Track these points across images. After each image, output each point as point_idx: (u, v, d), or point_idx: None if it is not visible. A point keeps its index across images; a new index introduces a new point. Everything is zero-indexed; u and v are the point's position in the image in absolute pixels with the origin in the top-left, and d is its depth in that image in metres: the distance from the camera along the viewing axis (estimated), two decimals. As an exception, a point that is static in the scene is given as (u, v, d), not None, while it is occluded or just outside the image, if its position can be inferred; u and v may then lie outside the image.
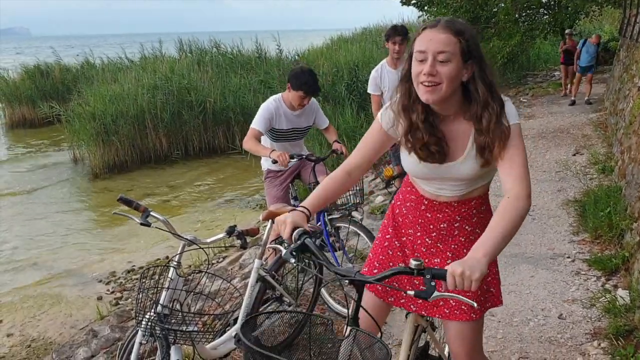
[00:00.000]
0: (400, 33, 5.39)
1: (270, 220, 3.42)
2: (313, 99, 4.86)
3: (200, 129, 13.80)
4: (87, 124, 12.53)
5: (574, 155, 8.50)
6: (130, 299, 6.37)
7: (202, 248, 2.83)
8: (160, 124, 13.26)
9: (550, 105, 13.28)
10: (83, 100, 13.59)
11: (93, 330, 5.25)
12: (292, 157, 4.25)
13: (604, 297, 4.13)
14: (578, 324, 3.94)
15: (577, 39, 21.81)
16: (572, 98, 13.26)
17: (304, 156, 4.50)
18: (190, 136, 13.77)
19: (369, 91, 5.66)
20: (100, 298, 6.56)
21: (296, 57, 18.32)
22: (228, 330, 3.33)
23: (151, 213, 2.74)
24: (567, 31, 14.61)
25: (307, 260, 3.52)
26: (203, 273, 2.96)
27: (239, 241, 3.05)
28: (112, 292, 6.73)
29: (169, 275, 2.79)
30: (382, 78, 5.53)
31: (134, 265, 7.40)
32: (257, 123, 4.46)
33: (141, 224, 2.70)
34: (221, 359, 3.56)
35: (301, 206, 2.09)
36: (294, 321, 4.30)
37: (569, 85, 14.16)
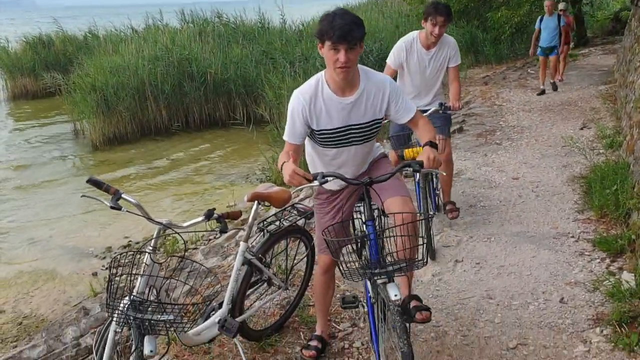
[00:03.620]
0: (443, 13, 4.61)
1: (256, 202, 3.26)
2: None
3: (201, 101, 13.57)
4: (88, 95, 12.34)
5: (581, 129, 8.27)
6: (124, 276, 6.27)
7: (178, 233, 2.67)
8: (160, 96, 13.04)
9: (559, 77, 12.96)
10: (84, 72, 13.39)
11: (84, 308, 5.15)
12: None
13: (608, 281, 3.96)
14: (580, 308, 3.78)
15: (589, 9, 21.40)
16: (542, 87, 11.23)
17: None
18: (191, 108, 13.54)
19: (387, 61, 4.93)
20: (95, 274, 6.46)
21: (300, 26, 17.96)
22: (212, 314, 3.20)
23: (122, 196, 2.58)
24: (560, 5, 11.43)
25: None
26: (180, 258, 2.80)
27: (218, 225, 2.89)
28: (107, 268, 6.59)
29: (144, 261, 2.64)
30: (410, 55, 4.80)
31: (130, 241, 7.29)
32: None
33: (111, 207, 2.54)
34: (206, 344, 3.45)
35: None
36: (285, 302, 4.18)
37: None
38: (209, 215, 2.81)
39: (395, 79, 4.82)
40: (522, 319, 3.72)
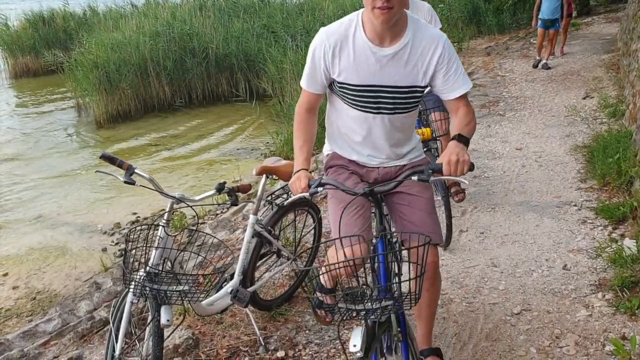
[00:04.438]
0: None
1: (264, 175, 3.32)
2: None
3: (203, 76, 13.54)
4: (90, 73, 12.33)
5: (584, 98, 8.28)
6: (140, 248, 6.37)
7: (191, 206, 2.74)
8: (162, 72, 13.03)
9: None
10: (85, 49, 13.36)
11: (96, 282, 5.26)
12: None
13: (610, 247, 4.04)
14: (583, 275, 3.86)
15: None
16: (537, 58, 10.77)
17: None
18: (194, 84, 13.53)
19: None
20: (104, 249, 6.56)
21: (300, -1, 17.84)
22: (225, 285, 3.29)
23: (136, 170, 2.65)
24: None
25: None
26: (193, 231, 2.88)
27: (229, 198, 2.96)
28: (117, 244, 6.72)
29: (158, 234, 2.72)
30: None
31: (138, 217, 7.37)
32: None
33: (125, 182, 2.60)
34: (218, 314, 3.54)
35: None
36: (294, 273, 4.27)
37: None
38: (220, 188, 2.88)
39: None
40: (525, 286, 3.81)
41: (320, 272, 2.44)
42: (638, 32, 8.11)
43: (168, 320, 2.56)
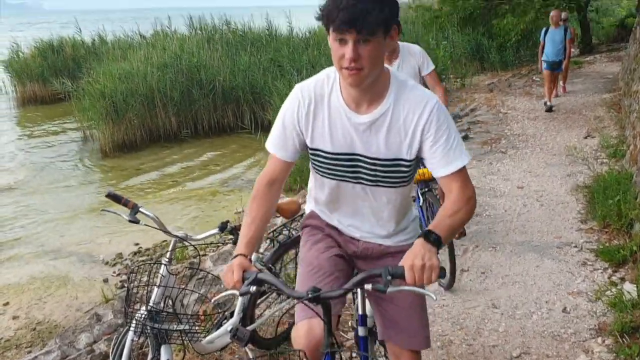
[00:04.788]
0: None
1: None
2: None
3: (209, 108, 13.70)
4: (97, 102, 12.48)
5: (586, 138, 8.35)
6: (141, 286, 6.39)
7: (193, 245, 2.78)
8: (169, 103, 13.19)
9: (564, 84, 13.05)
10: (93, 78, 13.54)
11: (97, 314, 5.25)
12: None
13: (610, 291, 4.05)
14: (582, 318, 3.86)
15: (594, 15, 21.46)
16: (549, 103, 10.38)
17: None
18: (200, 115, 13.68)
19: None
20: (106, 280, 6.56)
21: (307, 34, 18.10)
22: (224, 323, 3.30)
23: (140, 209, 2.69)
24: (562, 14, 10.55)
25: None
26: (195, 269, 2.91)
27: (231, 237, 2.99)
28: (118, 275, 6.73)
29: (160, 272, 2.75)
30: None
31: (140, 247, 7.40)
32: None
33: (129, 221, 2.65)
34: (217, 352, 3.55)
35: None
36: (294, 311, 4.25)
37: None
38: (222, 227, 2.91)
39: None
40: (525, 328, 3.81)
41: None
42: (639, 73, 8.22)
43: (168, 359, 2.58)
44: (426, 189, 4.40)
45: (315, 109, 2.03)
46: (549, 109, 10.28)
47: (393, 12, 1.81)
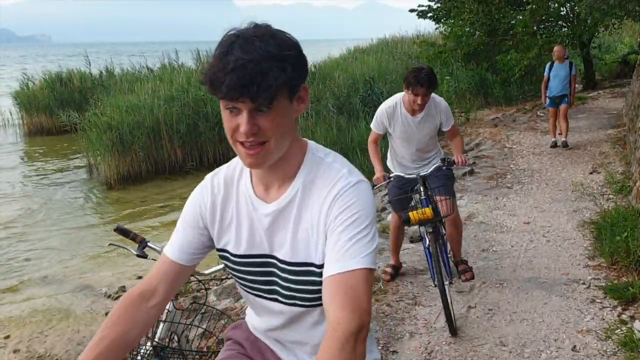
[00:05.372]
0: (424, 83, 4.11)
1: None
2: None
3: (215, 140, 13.80)
4: (103, 134, 12.58)
5: (591, 173, 8.34)
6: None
7: (200, 280, 2.76)
8: (175, 135, 13.29)
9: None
10: (99, 110, 13.67)
11: (99, 348, 5.19)
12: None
13: (619, 329, 3.99)
14: (592, 357, 3.80)
15: (597, 52, 21.66)
16: (553, 139, 10.32)
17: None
18: (205, 147, 13.77)
19: (371, 125, 4.62)
20: (108, 313, 6.50)
21: (312, 68, 18.30)
22: None
23: (148, 244, 2.68)
24: (558, 49, 10.26)
25: None
26: (200, 304, 2.88)
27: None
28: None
29: (166, 307, 2.72)
30: (394, 121, 4.46)
31: (143, 280, 7.36)
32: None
33: (137, 255, 2.63)
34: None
35: None
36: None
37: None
38: (229, 263, 2.89)
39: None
40: (534, 367, 3.75)
41: None
42: (644, 110, 8.26)
43: (172, 397, 2.54)
44: (431, 230, 4.19)
45: (225, 198, 1.61)
46: (554, 145, 10.23)
47: (298, 68, 1.39)
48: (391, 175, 4.44)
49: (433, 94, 4.36)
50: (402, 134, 4.46)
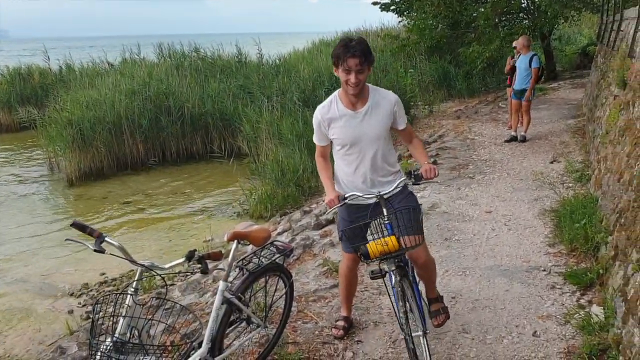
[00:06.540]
0: (357, 53, 3.24)
1: (235, 241, 3.32)
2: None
3: (178, 135, 13.65)
4: (63, 130, 12.35)
5: (551, 162, 8.49)
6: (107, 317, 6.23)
7: (160, 275, 2.72)
8: (137, 130, 13.10)
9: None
10: (60, 106, 13.40)
11: (61, 347, 5.10)
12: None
13: (578, 314, 4.07)
14: (552, 342, 3.88)
15: (557, 43, 22.06)
16: (513, 133, 10.24)
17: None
18: (168, 142, 13.62)
19: (314, 139, 3.74)
20: (71, 312, 6.40)
21: (277, 61, 18.22)
22: (192, 354, 3.22)
23: (106, 239, 2.63)
24: (515, 43, 10.33)
25: None
26: (162, 299, 2.85)
27: (199, 266, 2.94)
28: (84, 305, 6.58)
29: (126, 302, 2.68)
30: (333, 123, 3.52)
31: (107, 277, 7.25)
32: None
33: (95, 250, 2.59)
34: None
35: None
36: (264, 340, 4.21)
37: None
38: (190, 256, 2.86)
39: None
40: (496, 353, 3.81)
41: None
42: (601, 100, 8.43)
43: (133, 392, 2.51)
44: (395, 266, 3.40)
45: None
46: (511, 139, 10.11)
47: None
48: (347, 195, 3.44)
49: (379, 88, 3.60)
50: (345, 138, 3.48)
